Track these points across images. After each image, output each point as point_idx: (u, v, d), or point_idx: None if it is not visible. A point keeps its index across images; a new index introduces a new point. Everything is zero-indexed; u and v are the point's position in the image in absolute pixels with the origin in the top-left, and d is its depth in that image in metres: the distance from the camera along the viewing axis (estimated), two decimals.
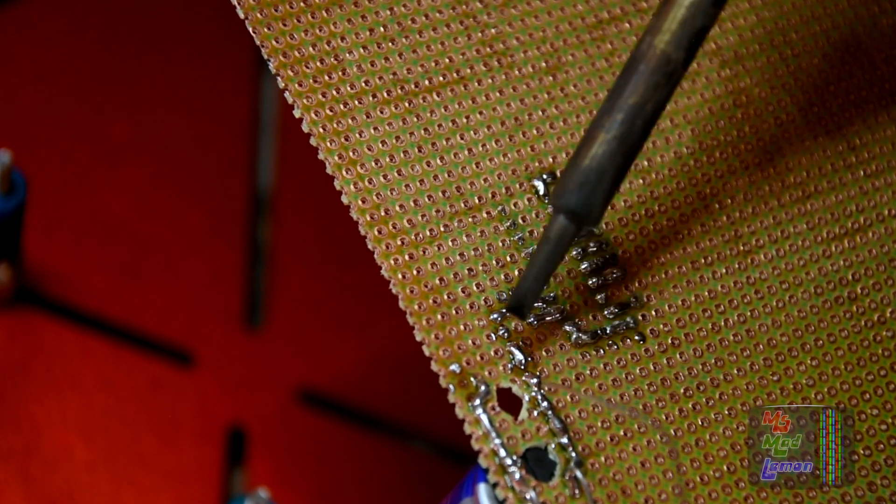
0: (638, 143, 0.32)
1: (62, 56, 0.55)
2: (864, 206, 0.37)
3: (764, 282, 0.36)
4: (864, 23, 0.40)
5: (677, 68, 0.32)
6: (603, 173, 0.32)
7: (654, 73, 0.32)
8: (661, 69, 0.32)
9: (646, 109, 0.32)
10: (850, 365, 0.35)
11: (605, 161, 0.32)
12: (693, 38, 0.32)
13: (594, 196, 0.32)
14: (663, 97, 0.32)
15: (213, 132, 0.56)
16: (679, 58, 0.32)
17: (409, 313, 0.33)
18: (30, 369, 0.50)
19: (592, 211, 0.32)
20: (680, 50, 0.32)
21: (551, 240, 0.32)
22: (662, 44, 0.32)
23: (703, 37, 0.32)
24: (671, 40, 0.32)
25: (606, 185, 0.32)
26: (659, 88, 0.32)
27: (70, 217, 0.53)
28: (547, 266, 0.32)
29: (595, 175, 0.32)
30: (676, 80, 0.32)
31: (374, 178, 0.34)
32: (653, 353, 0.34)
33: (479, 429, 0.32)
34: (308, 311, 0.54)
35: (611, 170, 0.32)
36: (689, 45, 0.32)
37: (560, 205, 0.32)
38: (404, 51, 0.35)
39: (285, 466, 0.51)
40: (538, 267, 0.32)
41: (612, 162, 0.32)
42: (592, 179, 0.32)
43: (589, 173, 0.32)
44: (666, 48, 0.32)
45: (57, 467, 0.49)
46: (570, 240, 0.32)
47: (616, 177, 0.32)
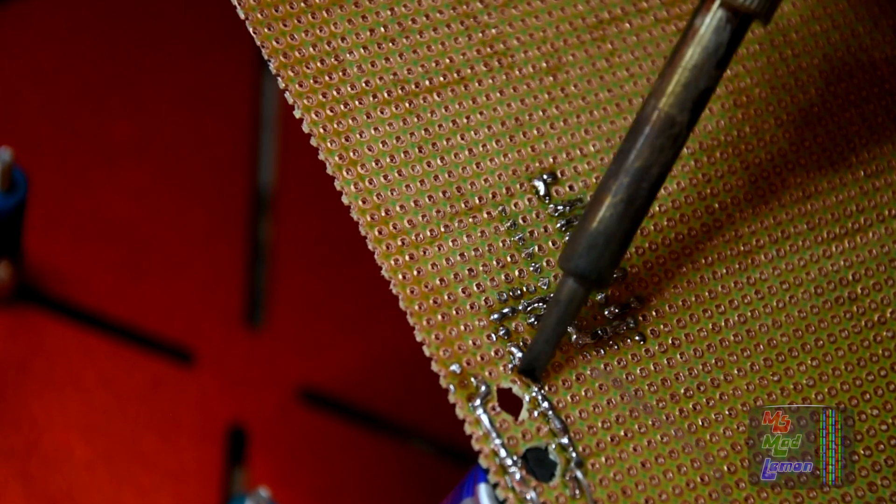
0: (644, 205, 0.32)
1: (62, 56, 0.55)
2: (865, 206, 0.37)
3: (764, 282, 0.36)
4: (865, 23, 0.40)
5: (682, 131, 0.32)
6: (610, 237, 0.32)
7: (659, 136, 0.32)
8: (665, 132, 0.32)
9: (651, 172, 0.32)
10: (850, 365, 0.35)
11: (613, 224, 0.32)
12: (697, 100, 0.32)
13: (602, 259, 0.32)
14: (668, 159, 0.32)
15: (214, 132, 0.56)
16: (684, 120, 0.32)
17: (409, 314, 0.33)
18: (30, 368, 0.50)
19: (601, 274, 0.32)
20: (684, 112, 0.32)
21: (561, 303, 0.32)
22: (666, 107, 0.32)
23: (707, 98, 0.32)
24: (675, 103, 0.32)
25: (614, 247, 0.32)
26: (664, 151, 0.32)
27: (70, 216, 0.53)
28: (557, 329, 0.32)
29: (603, 239, 0.32)
30: (681, 143, 0.32)
31: (375, 178, 0.34)
32: (653, 354, 0.34)
33: (479, 429, 0.32)
34: (308, 311, 0.54)
35: (618, 233, 0.32)
36: (693, 108, 0.32)
37: (569, 268, 0.32)
38: (405, 51, 0.35)
39: (285, 466, 0.51)
40: (550, 331, 0.32)
41: (619, 225, 0.32)
42: (600, 243, 0.32)
43: (597, 237, 0.32)
44: (670, 111, 0.32)
45: (57, 466, 0.49)
46: (580, 302, 0.32)
47: (623, 239, 0.32)
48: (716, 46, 0.32)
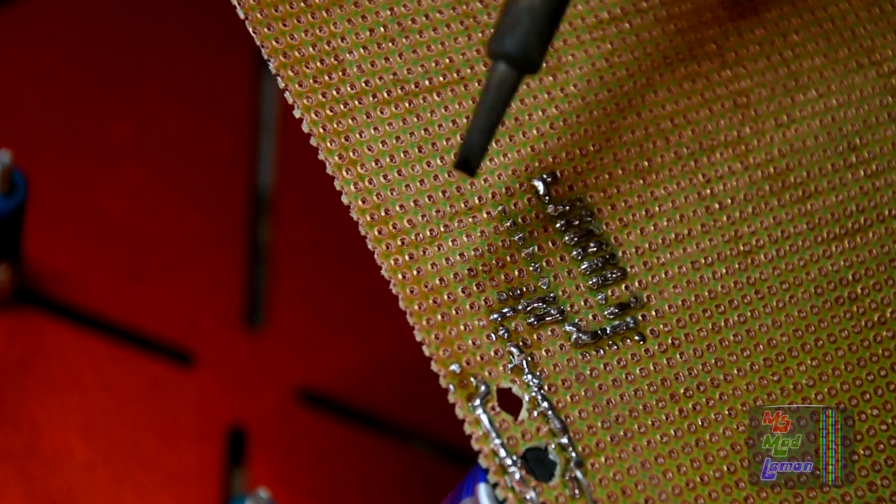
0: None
1: (62, 56, 0.55)
2: (865, 206, 0.37)
3: (764, 282, 0.36)
4: (865, 23, 0.40)
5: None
6: (535, 12, 0.31)
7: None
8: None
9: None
10: (850, 365, 0.35)
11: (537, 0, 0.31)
12: None
13: (529, 37, 0.31)
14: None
15: (213, 132, 0.56)
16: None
17: (409, 313, 0.33)
18: (30, 369, 0.50)
19: (530, 53, 0.31)
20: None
21: (492, 88, 0.31)
22: None
23: None
24: None
25: (540, 24, 0.31)
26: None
27: (70, 217, 0.53)
28: (491, 116, 0.31)
29: (527, 15, 0.31)
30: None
31: (375, 178, 0.34)
32: (653, 354, 0.34)
33: (479, 429, 0.32)
34: (308, 311, 0.54)
35: (542, 9, 0.31)
36: None
37: (496, 50, 0.31)
38: (404, 51, 0.35)
39: (285, 466, 0.51)
40: (482, 118, 0.31)
41: (543, 1, 0.31)
42: (526, 20, 0.31)
43: (521, 13, 0.31)
44: None
45: (57, 467, 0.49)
46: (511, 87, 0.31)
47: (551, 17, 0.31)
48: None
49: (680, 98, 0.37)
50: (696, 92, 0.37)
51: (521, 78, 0.31)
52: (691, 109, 0.37)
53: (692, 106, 0.37)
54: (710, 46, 0.38)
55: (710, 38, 0.38)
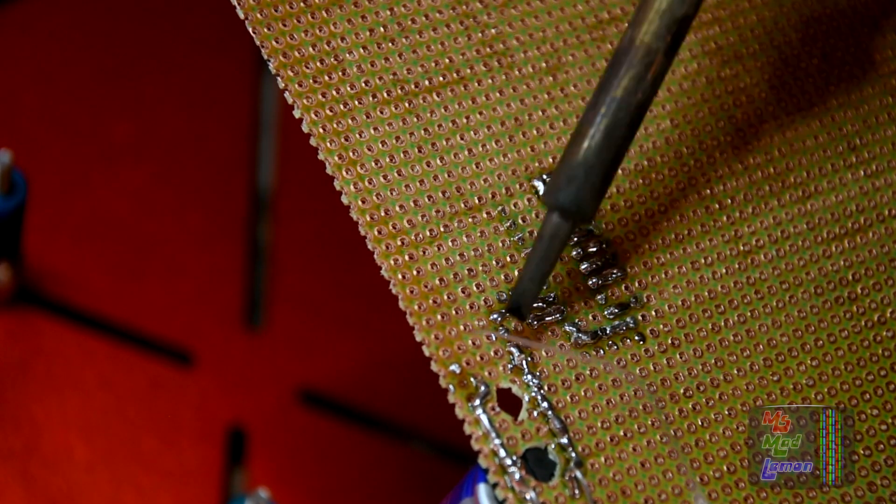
0: (625, 136, 0.32)
1: (62, 56, 0.55)
2: (865, 206, 0.37)
3: (764, 282, 0.36)
4: (865, 23, 0.40)
5: (661, 60, 0.31)
6: (591, 168, 0.31)
7: (637, 66, 0.31)
8: (643, 61, 0.31)
9: (630, 103, 0.31)
10: (850, 365, 0.35)
11: (593, 156, 0.31)
12: (674, 28, 0.31)
13: (583, 191, 0.31)
14: (649, 89, 0.32)
15: (213, 132, 0.56)
16: (661, 48, 0.31)
17: (409, 314, 0.33)
18: (30, 369, 0.50)
19: (583, 207, 0.32)
20: (660, 41, 0.31)
21: (545, 238, 0.32)
22: (644, 36, 0.31)
23: (687, 26, 0.32)
24: (652, 31, 0.31)
25: (595, 180, 0.31)
26: (643, 81, 0.31)
27: (70, 217, 0.53)
28: (543, 266, 0.32)
29: (583, 171, 0.31)
30: (661, 72, 0.32)
31: (374, 178, 0.34)
32: (653, 354, 0.34)
33: (478, 429, 0.32)
34: (308, 311, 0.54)
35: (598, 165, 0.31)
36: (672, 37, 0.31)
37: (551, 202, 0.32)
38: (404, 51, 0.35)
39: (285, 466, 0.51)
40: (534, 267, 0.32)
41: (599, 157, 0.31)
42: (581, 175, 0.31)
43: (577, 169, 0.31)
44: (648, 40, 0.31)
45: (57, 467, 0.49)
46: (564, 238, 0.32)
47: (605, 172, 0.32)
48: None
49: (679, 97, 0.37)
50: (696, 91, 0.37)
51: (574, 229, 0.32)
52: (691, 109, 0.37)
53: (692, 106, 0.37)
54: (710, 45, 0.38)
55: (710, 37, 0.38)
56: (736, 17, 0.38)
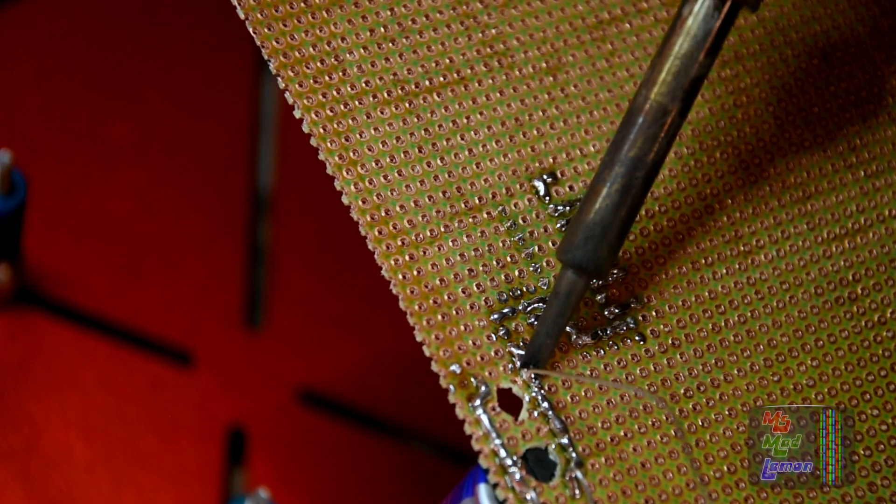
0: (640, 194, 0.32)
1: (62, 56, 0.55)
2: (865, 207, 0.37)
3: (764, 282, 0.36)
4: (865, 23, 0.40)
5: (674, 119, 0.32)
6: (607, 227, 0.32)
7: (652, 126, 0.32)
8: (658, 121, 0.32)
9: (646, 161, 0.32)
10: (850, 365, 0.35)
11: (609, 215, 0.32)
12: (687, 88, 0.32)
13: (600, 250, 0.32)
14: (662, 148, 0.32)
15: (213, 132, 0.56)
16: (675, 109, 0.32)
17: (409, 314, 0.33)
18: (30, 369, 0.50)
19: (599, 264, 0.32)
20: (676, 101, 0.32)
21: (561, 295, 0.32)
22: (658, 96, 0.32)
23: (699, 87, 0.32)
24: (666, 92, 0.32)
25: (612, 238, 0.32)
26: (657, 140, 0.32)
27: (70, 217, 0.53)
28: (559, 321, 0.32)
29: (600, 229, 0.32)
30: (674, 131, 0.32)
31: (375, 178, 0.34)
32: (653, 354, 0.34)
33: (479, 429, 0.32)
34: (308, 311, 0.54)
35: (615, 223, 0.32)
36: (685, 96, 0.32)
37: (567, 260, 0.32)
38: (405, 51, 0.35)
39: (285, 466, 0.51)
40: (551, 323, 0.32)
41: (615, 215, 0.32)
42: (597, 234, 0.32)
43: (593, 227, 0.32)
44: (661, 100, 0.32)
45: (57, 467, 0.49)
46: (579, 293, 0.32)
47: (621, 229, 0.32)
48: (704, 34, 0.32)
49: None
50: None
51: (589, 285, 0.32)
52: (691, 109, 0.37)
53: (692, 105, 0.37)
54: None
55: None
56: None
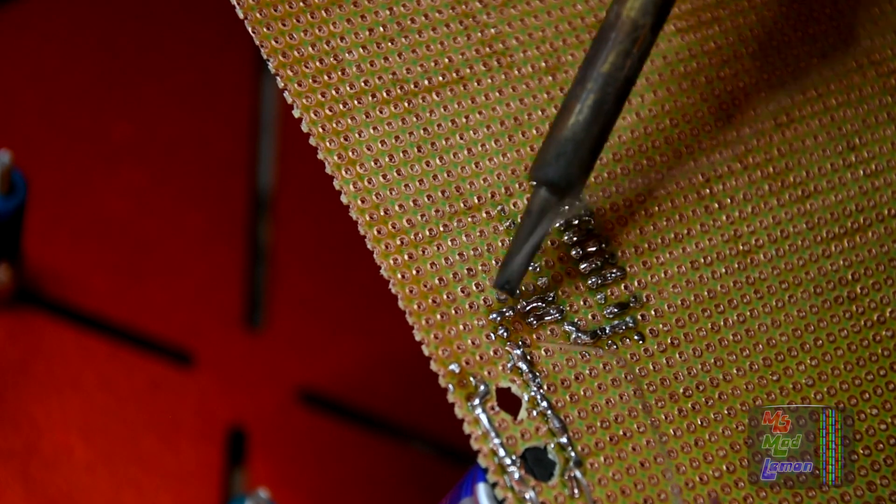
0: (613, 110, 0.32)
1: (62, 56, 0.55)
2: (864, 206, 0.37)
3: (763, 282, 0.36)
4: (864, 23, 0.40)
5: (646, 34, 0.32)
6: (579, 143, 0.32)
7: (624, 41, 0.32)
8: (629, 36, 0.32)
9: (617, 77, 0.32)
10: (849, 365, 0.35)
11: (581, 131, 0.32)
12: (659, 3, 0.32)
13: (572, 166, 0.32)
14: (634, 64, 0.32)
15: (213, 132, 0.56)
16: (647, 23, 0.32)
17: (408, 313, 0.33)
18: (30, 369, 0.50)
19: (571, 181, 0.32)
20: (647, 16, 0.32)
21: (533, 213, 0.32)
22: (629, 11, 0.32)
23: (671, 2, 0.32)
24: (637, 7, 0.32)
25: (584, 154, 0.32)
26: (629, 55, 0.32)
27: (70, 217, 0.53)
28: (532, 241, 0.32)
29: (572, 145, 0.32)
30: (647, 47, 0.32)
31: (374, 177, 0.34)
32: (652, 353, 0.34)
33: (478, 428, 0.32)
34: (308, 311, 0.54)
35: (587, 139, 0.32)
36: (657, 11, 0.32)
37: (539, 177, 0.32)
38: (404, 51, 0.35)
39: (285, 466, 0.51)
40: (523, 242, 0.32)
41: (587, 131, 0.32)
42: (569, 150, 0.32)
43: (565, 143, 0.32)
44: (633, 15, 0.32)
45: (57, 467, 0.49)
46: (552, 213, 0.32)
47: (593, 146, 0.32)
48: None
49: (679, 96, 0.37)
50: (696, 90, 0.37)
51: (562, 203, 0.32)
52: (690, 108, 0.37)
53: (691, 105, 0.37)
54: (710, 45, 0.38)
55: (709, 36, 0.38)
56: (735, 16, 0.38)
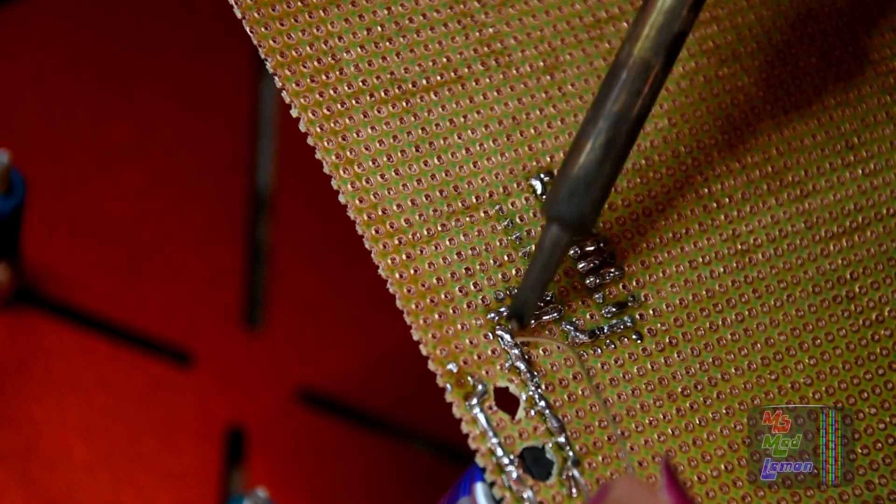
0: (624, 149, 0.32)
1: (62, 56, 0.55)
2: (863, 205, 0.37)
3: (762, 281, 0.36)
4: (863, 23, 0.40)
5: (658, 74, 0.32)
6: (591, 181, 0.32)
7: (636, 81, 0.32)
8: (641, 76, 0.32)
9: (629, 116, 0.32)
10: (847, 364, 0.35)
11: (593, 169, 0.32)
12: (671, 43, 0.32)
13: (584, 204, 0.32)
14: (646, 103, 0.32)
15: (213, 132, 0.56)
16: (659, 63, 0.32)
17: (406, 312, 0.33)
18: (29, 369, 0.50)
19: (584, 219, 0.32)
20: (659, 56, 0.32)
21: (545, 250, 0.32)
22: (642, 51, 0.32)
23: (682, 42, 0.32)
24: (649, 47, 0.32)
25: (596, 192, 0.32)
26: (641, 95, 0.32)
27: (70, 217, 0.53)
28: (543, 276, 0.32)
29: (584, 184, 0.32)
30: (658, 86, 0.32)
31: (372, 177, 0.34)
32: (650, 353, 0.34)
33: (476, 428, 0.32)
34: (308, 311, 0.54)
35: (599, 177, 0.32)
36: (668, 51, 0.32)
37: (551, 215, 0.32)
38: (402, 50, 0.35)
39: (284, 466, 0.51)
40: (534, 277, 0.32)
41: (599, 170, 0.32)
42: (581, 188, 0.32)
43: (578, 182, 0.32)
44: (645, 55, 0.32)
45: (57, 467, 0.49)
46: (564, 248, 0.32)
47: (605, 184, 0.32)
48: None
49: (677, 96, 0.37)
50: (694, 90, 0.37)
51: (573, 240, 0.33)
52: (688, 108, 0.37)
53: (690, 104, 0.37)
54: (708, 44, 0.38)
55: (707, 36, 0.38)
56: (734, 15, 0.38)
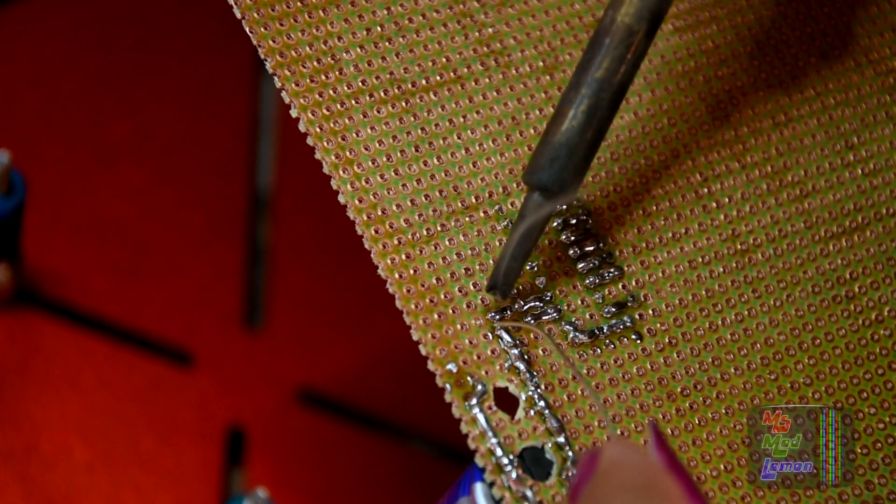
0: (607, 116, 0.32)
1: (62, 56, 0.55)
2: (862, 205, 0.37)
3: (761, 281, 0.36)
4: (863, 23, 0.40)
5: (641, 40, 0.32)
6: (573, 148, 0.32)
7: (618, 47, 0.32)
8: (624, 42, 0.32)
9: (612, 83, 0.32)
10: (847, 364, 0.35)
11: (575, 136, 0.32)
12: (654, 9, 0.32)
13: (565, 171, 0.32)
14: (629, 69, 0.32)
15: (213, 132, 0.56)
16: (642, 29, 0.32)
17: (405, 313, 0.33)
18: (29, 370, 0.50)
19: (565, 185, 0.32)
20: (642, 21, 0.32)
21: (527, 217, 0.32)
22: (625, 17, 0.32)
23: (666, 8, 0.32)
24: (633, 13, 0.32)
25: (577, 159, 0.32)
26: (624, 61, 0.32)
27: (70, 217, 0.53)
28: (524, 244, 0.32)
29: (565, 150, 0.32)
30: (641, 52, 0.32)
31: (371, 177, 0.34)
32: (650, 353, 0.34)
33: (475, 428, 0.32)
34: (308, 311, 0.54)
35: (581, 144, 0.32)
36: (651, 17, 0.32)
37: (532, 182, 0.32)
38: (401, 50, 0.35)
39: (284, 466, 0.51)
40: (516, 245, 0.32)
41: (581, 136, 0.32)
42: (563, 154, 0.32)
43: (559, 148, 0.32)
44: (628, 21, 0.32)
45: (56, 467, 0.49)
46: (546, 217, 0.32)
47: (587, 151, 0.32)
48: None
49: (677, 96, 0.37)
50: (693, 90, 0.37)
51: (556, 207, 0.32)
52: (688, 107, 0.37)
53: (689, 104, 0.37)
54: (707, 44, 0.38)
55: (707, 36, 0.38)
56: (733, 15, 0.38)
